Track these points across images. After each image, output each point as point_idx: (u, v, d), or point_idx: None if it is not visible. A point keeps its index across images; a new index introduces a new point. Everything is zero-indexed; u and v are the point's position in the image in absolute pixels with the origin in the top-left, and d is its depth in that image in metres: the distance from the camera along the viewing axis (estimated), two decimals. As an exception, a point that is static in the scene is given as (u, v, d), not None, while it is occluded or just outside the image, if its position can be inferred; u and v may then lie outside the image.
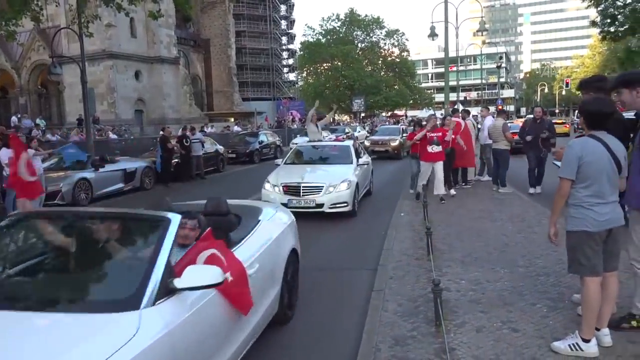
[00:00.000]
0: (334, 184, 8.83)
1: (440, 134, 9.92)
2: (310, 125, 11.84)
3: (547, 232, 3.73)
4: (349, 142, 11.35)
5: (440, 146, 9.83)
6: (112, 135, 23.38)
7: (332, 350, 4.05)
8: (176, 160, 15.67)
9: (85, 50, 16.46)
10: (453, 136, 10.38)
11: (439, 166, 9.89)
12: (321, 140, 11.72)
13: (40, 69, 35.97)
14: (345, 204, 8.82)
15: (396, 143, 21.31)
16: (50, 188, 10.98)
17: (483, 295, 4.75)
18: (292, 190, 8.87)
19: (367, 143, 21.79)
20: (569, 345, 3.50)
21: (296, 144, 29.99)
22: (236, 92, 52.66)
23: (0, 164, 10.29)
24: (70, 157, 12.79)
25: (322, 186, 8.78)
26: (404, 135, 21.96)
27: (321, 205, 8.69)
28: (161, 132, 17.24)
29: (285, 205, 7.86)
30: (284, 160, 10.70)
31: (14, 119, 27.95)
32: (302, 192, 8.77)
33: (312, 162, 10.61)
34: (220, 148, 19.55)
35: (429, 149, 9.85)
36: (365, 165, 10.64)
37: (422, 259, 6.03)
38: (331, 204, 8.71)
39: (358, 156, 10.57)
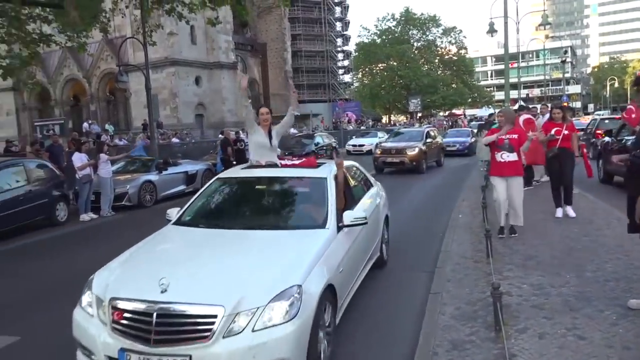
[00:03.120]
0: (251, 306, 3.20)
1: (516, 135, 6.94)
2: (256, 132, 5.54)
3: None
4: (327, 170, 5.09)
5: (515, 153, 6.91)
6: (175, 140, 24.30)
7: (388, 352, 4.04)
8: (234, 162, 16.09)
9: (149, 58, 17.26)
10: (567, 132, 7.88)
11: (516, 184, 7.02)
12: (273, 166, 5.45)
13: (109, 77, 37.89)
14: None
15: (415, 152, 16.51)
16: (118, 190, 11.76)
17: (546, 300, 4.57)
18: (132, 323, 3.24)
19: (377, 152, 17.67)
20: None
21: (353, 145, 28.96)
22: (292, 95, 53.25)
23: (73, 167, 11.03)
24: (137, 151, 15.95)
25: (215, 314, 3.13)
26: (427, 140, 17.71)
27: None
28: (221, 135, 17.75)
29: None
30: (181, 213, 4.90)
31: (85, 125, 29.71)
32: (156, 331, 3.13)
33: (238, 220, 4.78)
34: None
35: (498, 157, 6.97)
36: (364, 224, 4.60)
37: (481, 261, 5.88)
38: None
39: (352, 201, 5.19)
